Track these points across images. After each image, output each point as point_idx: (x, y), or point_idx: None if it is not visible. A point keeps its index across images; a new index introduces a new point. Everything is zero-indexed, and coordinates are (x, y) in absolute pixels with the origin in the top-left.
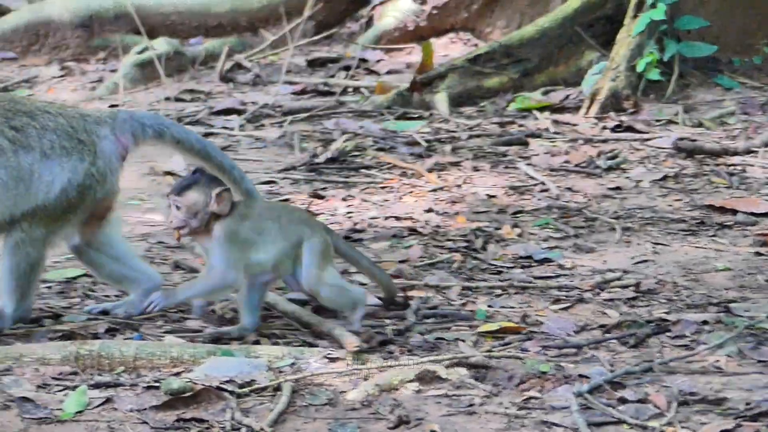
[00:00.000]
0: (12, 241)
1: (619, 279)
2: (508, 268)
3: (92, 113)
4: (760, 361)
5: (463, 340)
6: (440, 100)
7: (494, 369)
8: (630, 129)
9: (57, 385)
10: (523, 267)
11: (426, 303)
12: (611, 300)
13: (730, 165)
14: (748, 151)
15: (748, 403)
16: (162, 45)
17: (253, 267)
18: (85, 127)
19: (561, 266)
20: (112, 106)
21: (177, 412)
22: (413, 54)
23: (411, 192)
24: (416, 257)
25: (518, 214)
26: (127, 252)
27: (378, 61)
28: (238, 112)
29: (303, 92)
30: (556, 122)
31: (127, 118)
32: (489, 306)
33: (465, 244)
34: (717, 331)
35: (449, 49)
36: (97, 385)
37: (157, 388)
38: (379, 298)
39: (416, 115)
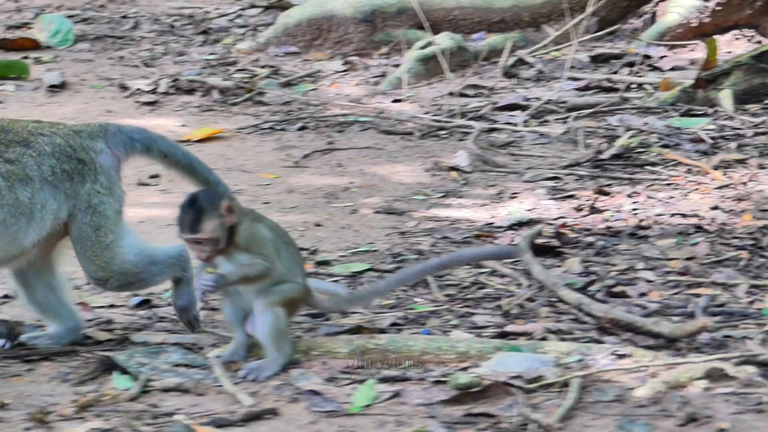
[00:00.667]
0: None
1: None
2: None
3: (83, 128)
4: None
5: (750, 338)
6: (725, 97)
7: None
8: None
9: (344, 378)
10: None
11: (713, 301)
12: None
13: None
14: None
15: None
16: (445, 40)
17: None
18: (82, 143)
19: None
20: (395, 101)
21: (465, 407)
22: (696, 51)
23: (696, 189)
24: (702, 254)
25: None
26: (62, 284)
27: (661, 57)
28: (522, 108)
29: (586, 88)
30: None
31: (117, 132)
32: None
33: (752, 242)
34: None
35: (732, 46)
36: (384, 379)
37: (444, 382)
38: None
39: (700, 112)
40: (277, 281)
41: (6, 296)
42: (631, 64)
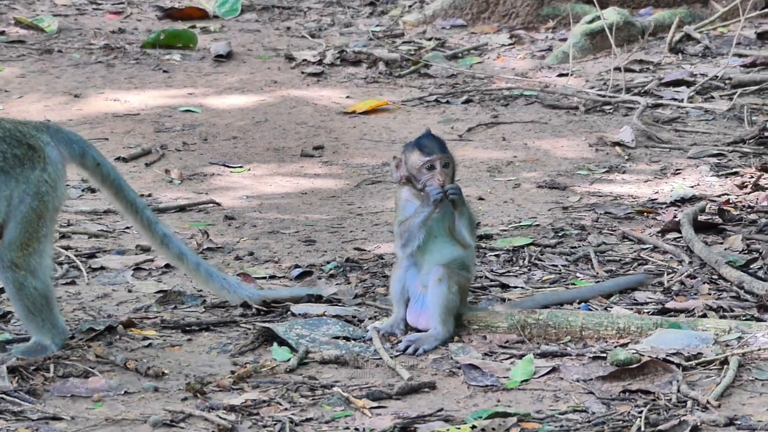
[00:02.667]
0: (12, 284)
1: None
2: None
3: (27, 121)
4: None
5: None
6: None
7: None
8: None
9: (503, 353)
10: None
11: None
12: None
13: None
14: None
15: None
16: (612, 15)
17: None
18: (29, 132)
19: None
20: (561, 75)
21: (623, 383)
22: None
23: None
24: None
25: None
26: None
27: None
28: (687, 84)
29: (752, 65)
30: None
31: (59, 130)
32: None
33: None
34: None
35: None
36: (543, 354)
37: (603, 358)
38: None
39: None
40: (463, 265)
41: (167, 265)
42: None
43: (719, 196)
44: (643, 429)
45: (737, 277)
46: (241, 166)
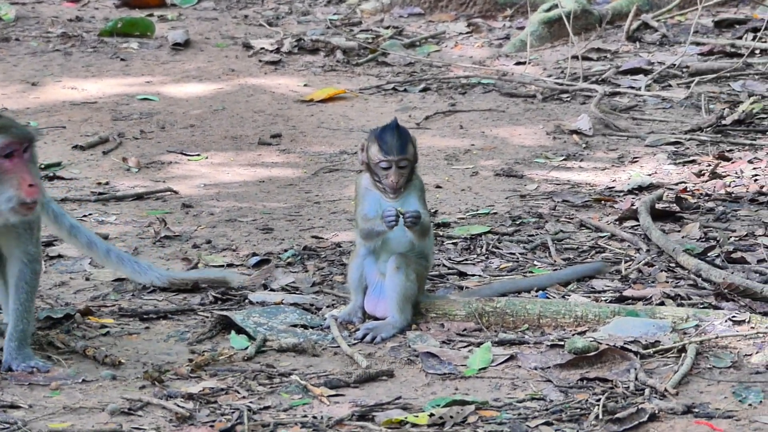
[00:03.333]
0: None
1: None
2: None
3: None
4: None
5: None
6: None
7: None
8: None
9: (461, 341)
10: None
11: None
12: None
13: None
14: None
15: None
16: (569, 3)
17: None
18: None
19: None
20: (519, 63)
21: (580, 371)
22: None
23: None
24: None
25: None
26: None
27: None
28: (645, 72)
29: (710, 53)
30: None
31: None
32: None
33: None
34: None
35: None
36: (501, 342)
37: (561, 346)
38: None
39: None
40: (421, 254)
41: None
42: (755, 30)
43: (676, 184)
44: (600, 417)
45: (695, 265)
46: (198, 155)
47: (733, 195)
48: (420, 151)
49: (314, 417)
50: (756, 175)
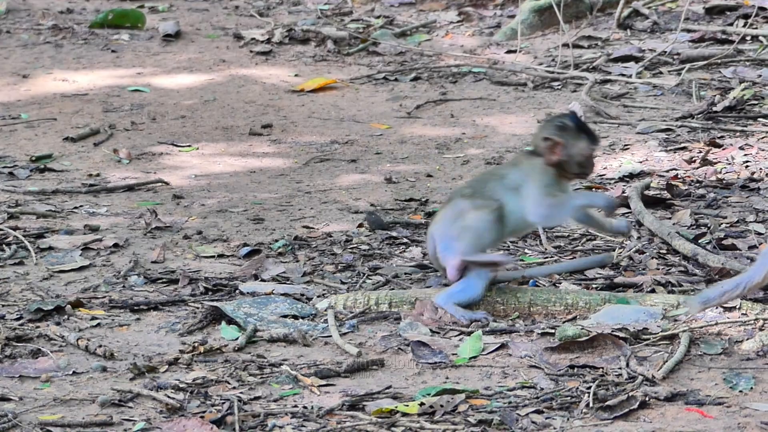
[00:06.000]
0: None
1: None
2: None
3: None
4: None
5: None
6: None
7: None
8: None
9: (452, 330)
10: None
11: None
12: None
13: None
14: None
15: None
16: None
17: None
18: None
19: None
20: (510, 51)
21: (570, 356)
22: None
23: None
24: None
25: None
26: None
27: None
28: (636, 60)
29: (701, 40)
30: None
31: None
32: None
33: None
34: None
35: None
36: (492, 331)
37: (551, 334)
38: None
39: None
40: None
41: (115, 245)
42: (746, 16)
43: (668, 171)
44: (591, 404)
45: (691, 250)
46: (189, 146)
47: (724, 182)
48: (411, 140)
49: (304, 407)
50: (747, 161)
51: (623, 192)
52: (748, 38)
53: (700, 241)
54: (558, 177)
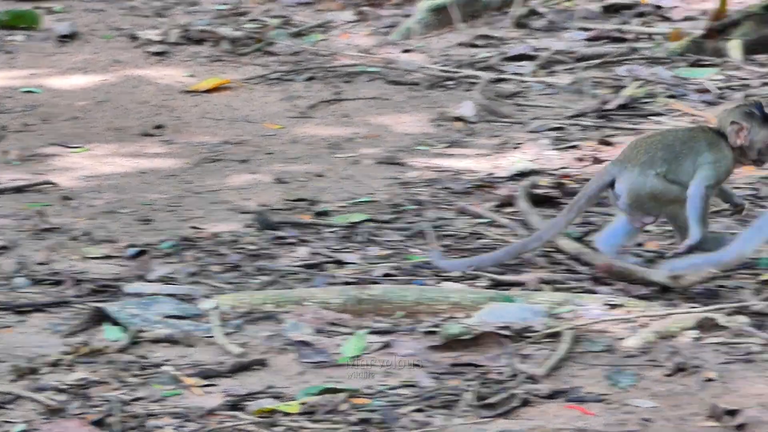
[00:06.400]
0: None
1: None
2: None
3: None
4: None
5: (744, 288)
6: (734, 47)
7: None
8: None
9: (335, 329)
10: None
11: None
12: None
13: None
14: None
15: None
16: None
17: None
18: None
19: None
20: (405, 51)
21: (454, 354)
22: (708, 1)
23: None
24: None
25: None
26: None
27: (673, 7)
28: (530, 58)
29: (596, 38)
30: None
31: None
32: None
33: (751, 193)
34: None
35: None
36: (376, 330)
37: (435, 333)
38: None
39: (709, 63)
40: None
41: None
42: (642, 14)
43: (558, 169)
44: (472, 402)
45: (576, 249)
46: (80, 147)
47: None
48: (303, 140)
49: (186, 407)
50: None
51: (512, 191)
52: (644, 36)
53: (587, 239)
54: (734, 162)
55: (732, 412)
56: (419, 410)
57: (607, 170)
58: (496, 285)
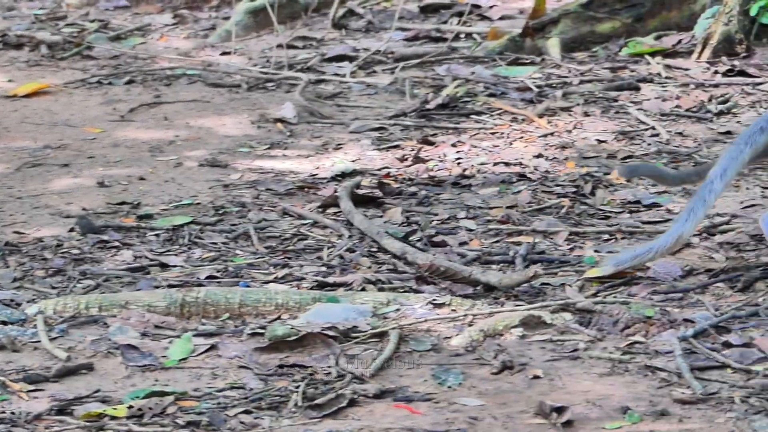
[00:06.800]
0: None
1: (727, 223)
2: (616, 213)
3: None
4: None
5: (569, 285)
6: (552, 45)
7: (599, 314)
8: (742, 73)
9: (161, 332)
10: (631, 212)
11: (533, 248)
12: (719, 244)
13: None
14: None
15: None
16: None
17: None
18: None
19: (669, 211)
20: (224, 53)
21: (280, 355)
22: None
23: (521, 137)
24: (524, 203)
25: (628, 159)
26: None
27: (491, 6)
28: (350, 59)
29: (415, 38)
30: (668, 67)
31: None
32: (596, 251)
33: (574, 190)
34: None
35: None
36: (201, 333)
37: (261, 335)
38: None
39: (528, 61)
40: None
41: None
42: (460, 14)
43: (380, 169)
44: (300, 404)
45: (400, 249)
46: None
47: (435, 179)
48: (124, 144)
49: (12, 413)
50: (459, 158)
51: (335, 191)
52: (462, 36)
53: (411, 239)
54: None
55: (559, 410)
56: (247, 412)
57: None
58: (321, 286)
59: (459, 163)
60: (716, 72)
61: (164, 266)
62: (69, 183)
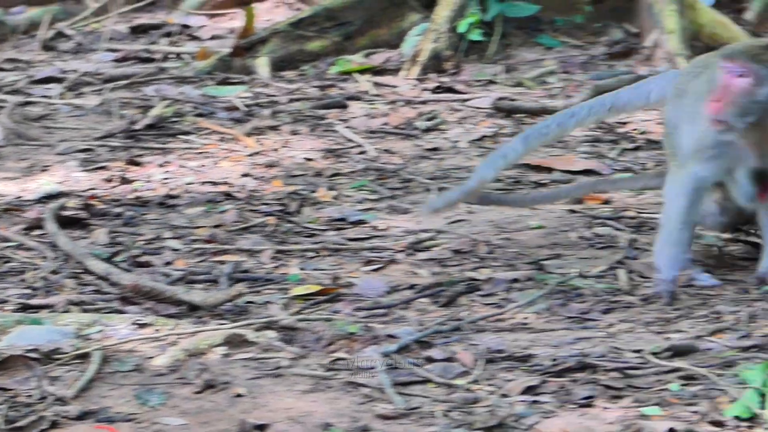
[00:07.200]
0: None
1: (432, 239)
2: (321, 230)
3: None
4: (568, 317)
5: (273, 303)
6: (261, 64)
7: (303, 331)
8: (450, 90)
9: None
10: (337, 229)
11: (238, 267)
12: (424, 260)
13: None
14: None
15: (554, 359)
16: None
17: None
18: None
19: (375, 228)
20: None
21: None
22: (237, 19)
23: (228, 157)
24: (230, 222)
25: (335, 176)
26: None
27: (201, 26)
28: (59, 81)
29: (125, 59)
30: (376, 84)
31: None
32: (301, 269)
33: (280, 208)
34: (528, 289)
35: (273, 13)
36: None
37: None
38: None
39: (237, 80)
40: None
41: None
42: (170, 34)
43: (86, 191)
44: (2, 427)
45: (104, 270)
46: None
47: (141, 199)
48: None
49: None
50: (166, 178)
51: (40, 213)
52: (172, 56)
53: (116, 260)
54: None
55: (261, 427)
56: None
57: None
58: (25, 308)
59: (166, 183)
60: (425, 89)
61: None
62: None
